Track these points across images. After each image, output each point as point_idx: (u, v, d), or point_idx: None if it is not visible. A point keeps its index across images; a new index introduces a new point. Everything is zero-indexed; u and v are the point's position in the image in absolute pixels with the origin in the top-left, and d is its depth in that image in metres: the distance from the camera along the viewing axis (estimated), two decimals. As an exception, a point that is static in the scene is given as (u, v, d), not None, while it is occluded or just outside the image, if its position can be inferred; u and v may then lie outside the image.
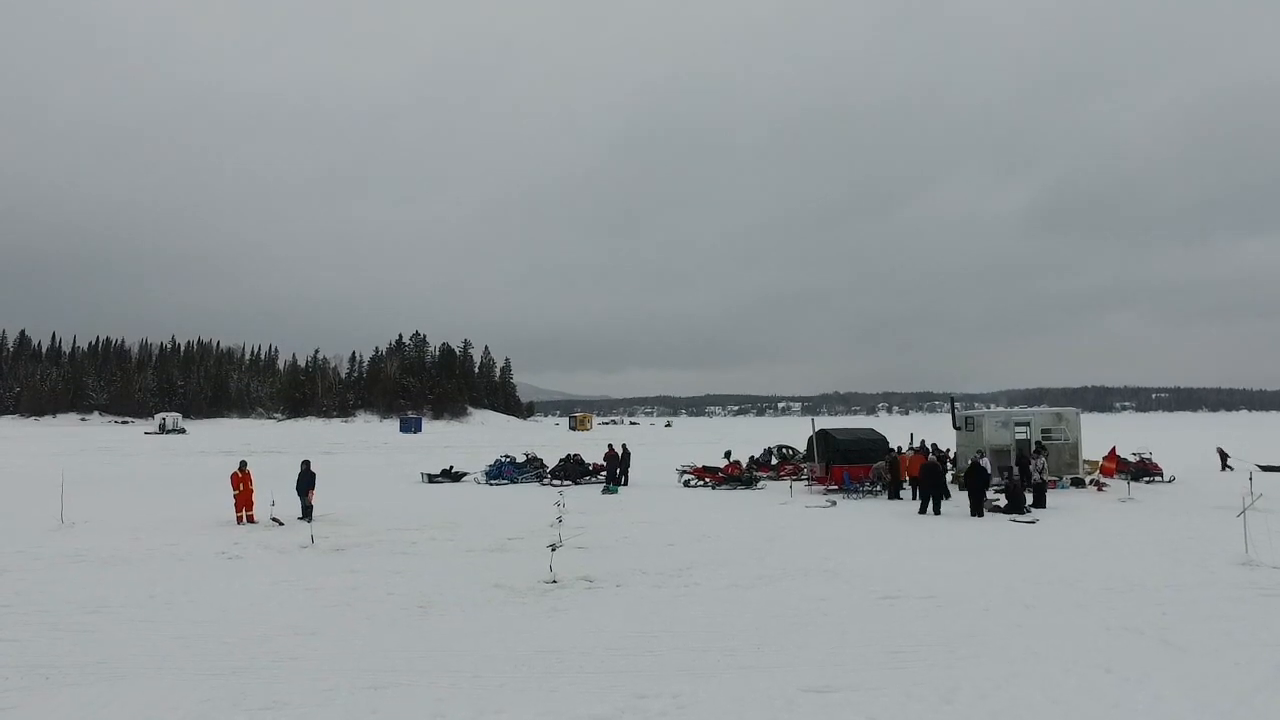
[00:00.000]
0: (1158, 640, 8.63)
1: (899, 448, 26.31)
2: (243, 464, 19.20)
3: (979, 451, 22.54)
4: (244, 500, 18.32)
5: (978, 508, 19.27)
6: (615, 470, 27.26)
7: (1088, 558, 13.58)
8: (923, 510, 19.64)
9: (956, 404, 28.89)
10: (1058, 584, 11.53)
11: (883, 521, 18.43)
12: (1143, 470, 27.14)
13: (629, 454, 28.60)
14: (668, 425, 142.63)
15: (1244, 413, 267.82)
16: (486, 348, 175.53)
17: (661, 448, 55.23)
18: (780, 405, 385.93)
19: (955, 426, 27.87)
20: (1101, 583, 11.57)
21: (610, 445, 29.08)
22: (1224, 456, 32.22)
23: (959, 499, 20.86)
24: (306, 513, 18.29)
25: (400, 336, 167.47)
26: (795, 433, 51.82)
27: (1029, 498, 20.30)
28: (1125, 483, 24.55)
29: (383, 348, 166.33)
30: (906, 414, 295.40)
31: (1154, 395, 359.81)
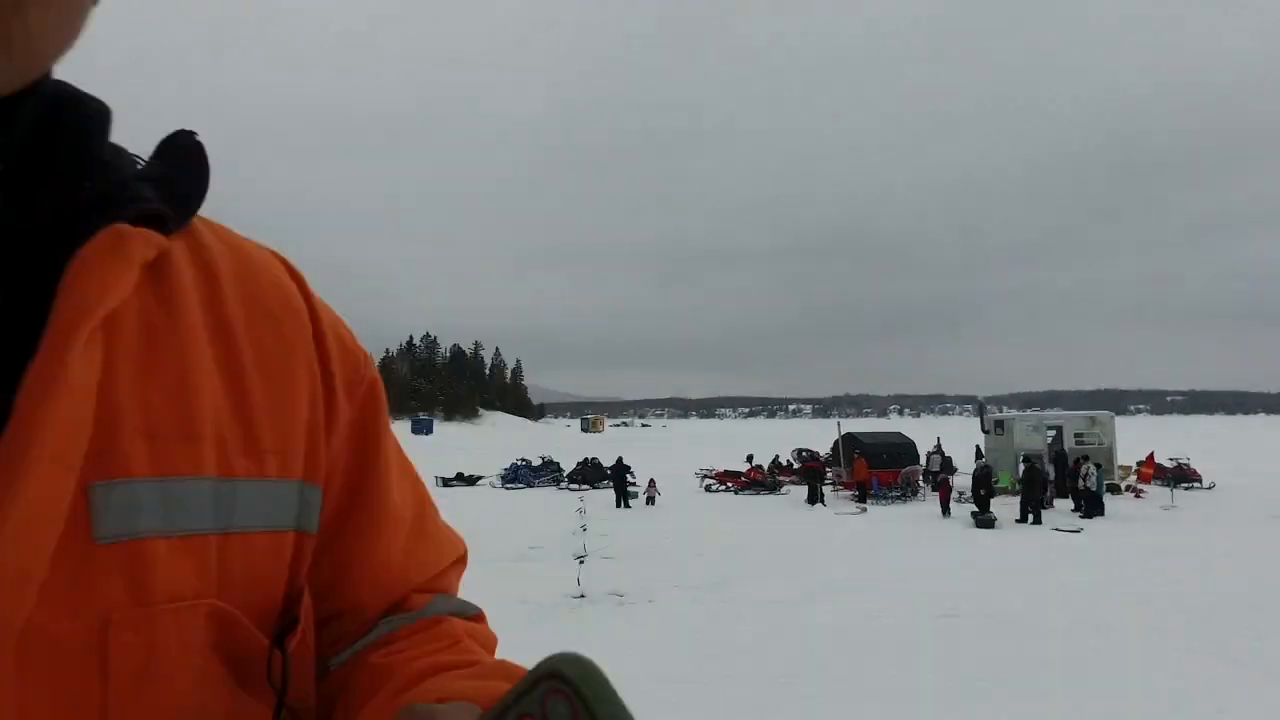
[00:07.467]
0: (1262, 671, 7.80)
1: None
2: None
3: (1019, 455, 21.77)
4: None
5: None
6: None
7: (1148, 572, 12.71)
8: (1022, 519, 18.59)
9: (986, 407, 28.06)
10: (1125, 601, 10.71)
11: (916, 530, 17.66)
12: (1181, 476, 26.23)
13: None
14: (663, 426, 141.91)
15: (1261, 415, 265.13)
16: (498, 349, 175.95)
17: (679, 451, 54.54)
18: (791, 408, 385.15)
19: (984, 430, 27.05)
20: (1172, 600, 10.73)
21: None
22: None
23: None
24: None
25: (411, 338, 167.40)
26: (807, 435, 51.01)
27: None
28: (1168, 490, 23.65)
29: (393, 349, 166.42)
30: (918, 416, 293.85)
31: (1169, 398, 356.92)
